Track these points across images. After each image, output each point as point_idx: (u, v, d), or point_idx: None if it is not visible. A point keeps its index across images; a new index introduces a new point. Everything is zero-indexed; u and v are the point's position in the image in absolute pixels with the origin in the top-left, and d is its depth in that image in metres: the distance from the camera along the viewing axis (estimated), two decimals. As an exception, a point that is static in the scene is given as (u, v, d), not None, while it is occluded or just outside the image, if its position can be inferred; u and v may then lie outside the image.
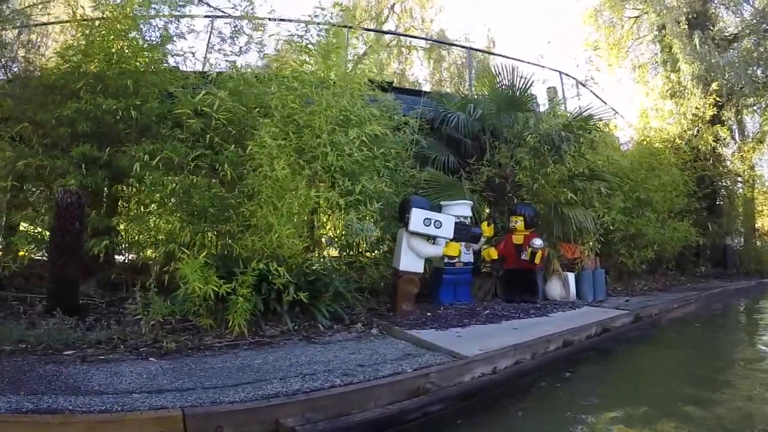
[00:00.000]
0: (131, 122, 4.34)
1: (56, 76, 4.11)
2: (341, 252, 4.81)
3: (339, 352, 3.04)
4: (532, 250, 5.09)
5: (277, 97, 3.53)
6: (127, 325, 3.23)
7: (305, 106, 3.67)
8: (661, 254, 6.91)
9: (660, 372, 3.62)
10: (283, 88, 3.59)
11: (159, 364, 2.63)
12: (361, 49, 13.51)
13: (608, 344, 4.15)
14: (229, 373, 2.47)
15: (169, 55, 4.83)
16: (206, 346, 3.10)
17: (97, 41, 4.27)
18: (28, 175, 3.94)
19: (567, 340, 3.76)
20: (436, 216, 4.28)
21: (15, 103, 4.00)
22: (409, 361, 2.78)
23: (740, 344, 4.68)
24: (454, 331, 3.81)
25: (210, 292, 3.06)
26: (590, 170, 5.69)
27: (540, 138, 5.59)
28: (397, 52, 13.04)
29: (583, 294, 5.77)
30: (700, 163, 8.05)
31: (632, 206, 6.39)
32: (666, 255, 7.06)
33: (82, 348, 2.81)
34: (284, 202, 3.23)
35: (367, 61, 5.08)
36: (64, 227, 3.45)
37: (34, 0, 4.75)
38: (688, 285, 7.39)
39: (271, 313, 3.62)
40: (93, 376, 2.37)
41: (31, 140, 4.02)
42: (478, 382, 2.74)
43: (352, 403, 2.14)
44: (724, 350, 4.41)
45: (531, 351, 3.36)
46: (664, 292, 6.48)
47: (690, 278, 8.12)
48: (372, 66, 5.15)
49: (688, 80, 8.17)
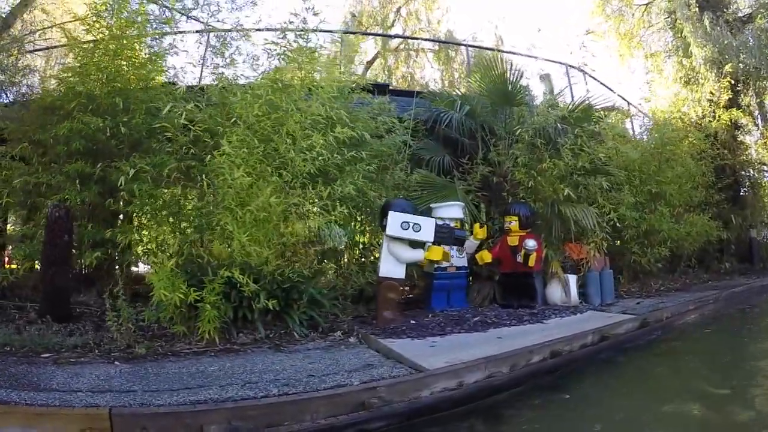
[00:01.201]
0: (122, 138, 4.71)
1: (53, 97, 4.52)
2: (323, 258, 4.92)
3: (299, 361, 3.10)
4: (526, 251, 4.97)
5: (240, 106, 3.70)
6: (107, 332, 3.50)
7: (272, 112, 3.81)
8: (679, 251, 6.51)
9: (659, 390, 3.16)
10: (248, 96, 3.76)
11: (120, 367, 2.83)
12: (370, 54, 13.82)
13: (605, 355, 3.88)
14: (179, 379, 2.61)
15: (159, 71, 5.20)
16: (174, 353, 3.29)
17: (89, 63, 4.67)
18: (29, 192, 4.35)
19: (555, 351, 3.53)
20: (415, 219, 4.28)
21: (16, 125, 4.45)
22: (363, 373, 2.76)
23: (762, 353, 4.20)
24: (431, 340, 3.72)
25: (176, 300, 3.26)
26: (592, 164, 5.47)
27: (535, 132, 5.44)
28: (405, 55, 13.15)
29: (589, 297, 5.53)
30: (718, 151, 7.54)
31: (644, 201, 6.07)
32: (685, 252, 6.63)
33: (60, 351, 3.07)
34: (246, 210, 3.38)
35: (343, 66, 5.15)
36: (53, 240, 3.79)
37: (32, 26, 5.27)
38: (710, 283, 6.91)
39: (246, 321, 3.79)
40: (56, 376, 2.59)
41: (31, 159, 4.45)
42: (436, 398, 2.61)
43: (284, 414, 2.18)
44: (741, 359, 3.95)
45: (509, 363, 3.17)
46: (683, 292, 6.09)
47: (713, 276, 7.61)
48: (347, 70, 5.22)
49: (700, 64, 7.69)
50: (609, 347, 4.00)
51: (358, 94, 5.95)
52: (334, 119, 4.91)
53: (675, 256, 6.78)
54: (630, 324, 4.51)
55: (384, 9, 13.47)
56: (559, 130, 5.27)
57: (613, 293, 5.69)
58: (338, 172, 4.67)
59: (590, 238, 5.62)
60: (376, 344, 3.61)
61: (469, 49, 8.41)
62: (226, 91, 4.41)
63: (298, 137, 3.76)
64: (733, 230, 7.63)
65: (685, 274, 7.07)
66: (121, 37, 4.71)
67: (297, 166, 3.77)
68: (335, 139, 4.48)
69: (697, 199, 6.77)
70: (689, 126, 7.47)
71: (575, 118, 5.47)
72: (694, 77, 7.91)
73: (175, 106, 3.69)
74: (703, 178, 6.87)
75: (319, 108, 3.92)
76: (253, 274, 3.71)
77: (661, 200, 6.12)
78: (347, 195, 4.56)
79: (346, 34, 13.19)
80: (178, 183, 4.39)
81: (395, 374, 2.74)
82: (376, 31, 13.06)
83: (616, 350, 4.00)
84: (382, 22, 13.40)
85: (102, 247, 4.59)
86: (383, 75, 13.18)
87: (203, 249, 3.60)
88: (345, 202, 4.65)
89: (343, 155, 4.54)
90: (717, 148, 7.54)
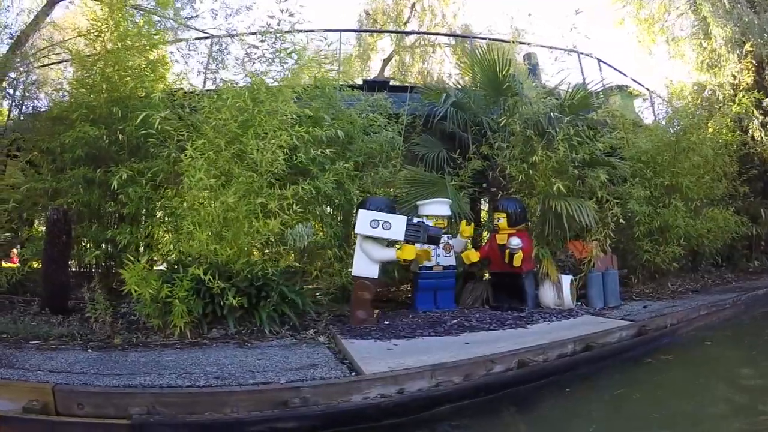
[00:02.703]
0: (122, 144, 5.25)
1: (59, 108, 5.15)
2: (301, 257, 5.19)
3: (252, 357, 3.32)
4: (510, 251, 4.91)
5: (208, 110, 4.03)
6: (94, 323, 3.99)
7: (239, 115, 4.11)
8: (701, 248, 6.05)
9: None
10: (214, 100, 4.08)
11: (90, 354, 3.24)
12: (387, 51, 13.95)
13: (583, 368, 3.55)
14: (132, 366, 2.95)
15: (158, 80, 5.69)
16: (146, 344, 3.67)
17: (91, 75, 5.26)
18: (39, 195, 4.99)
19: (523, 361, 3.36)
20: (384, 217, 4.38)
21: (28, 135, 5.11)
22: (300, 373, 2.87)
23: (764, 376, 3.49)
24: (394, 342, 3.79)
25: (146, 295, 3.65)
26: (591, 155, 5.27)
27: (526, 123, 5.33)
28: (421, 51, 13.20)
29: (591, 300, 5.33)
30: (740, 136, 6.86)
31: (658, 194, 5.73)
32: (706, 249, 6.15)
33: (47, 339, 3.55)
34: (206, 211, 3.71)
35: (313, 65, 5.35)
36: (53, 240, 4.34)
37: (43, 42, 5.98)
38: (734, 284, 6.38)
39: (220, 317, 4.13)
40: (32, 358, 3.04)
41: (41, 165, 5.10)
42: (360, 404, 2.60)
43: (204, 404, 2.42)
44: (747, 386, 3.27)
45: (462, 372, 3.06)
46: (701, 294, 5.70)
47: (740, 275, 7.01)
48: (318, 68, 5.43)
49: (721, 45, 7.05)
50: (591, 359, 3.72)
51: (349, 92, 6.16)
52: (315, 118, 5.18)
53: (697, 253, 6.33)
54: (624, 332, 4.24)
55: (398, 5, 13.60)
56: (552, 119, 5.12)
57: (619, 295, 5.46)
58: (319, 170, 4.91)
59: (593, 235, 5.43)
60: (338, 344, 3.76)
61: (472, 40, 8.32)
62: (198, 96, 4.78)
63: (257, 139, 4.01)
64: (763, 225, 6.96)
65: (708, 274, 6.58)
66: (119, 50, 5.23)
67: (262, 167, 4.03)
68: (312, 138, 4.75)
69: (719, 191, 6.26)
70: (710, 112, 6.90)
71: (570, 106, 5.29)
72: (716, 60, 7.31)
73: (150, 114, 4.08)
74: (724, 169, 6.34)
75: (285, 108, 4.14)
76: (226, 272, 4.08)
77: (676, 193, 5.75)
78: (323, 193, 4.81)
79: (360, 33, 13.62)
80: (167, 186, 4.86)
81: (330, 376, 2.83)
82: (391, 28, 13.25)
83: (597, 362, 3.71)
84: (396, 19, 13.53)
85: (104, 246, 5.18)
86: (400, 72, 13.33)
87: (174, 248, 3.97)
88: (318, 201, 4.90)
89: (323, 154, 4.78)
90: (741, 134, 6.91)
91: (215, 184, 3.83)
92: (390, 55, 13.85)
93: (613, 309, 5.18)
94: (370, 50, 13.90)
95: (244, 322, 4.20)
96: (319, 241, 5.02)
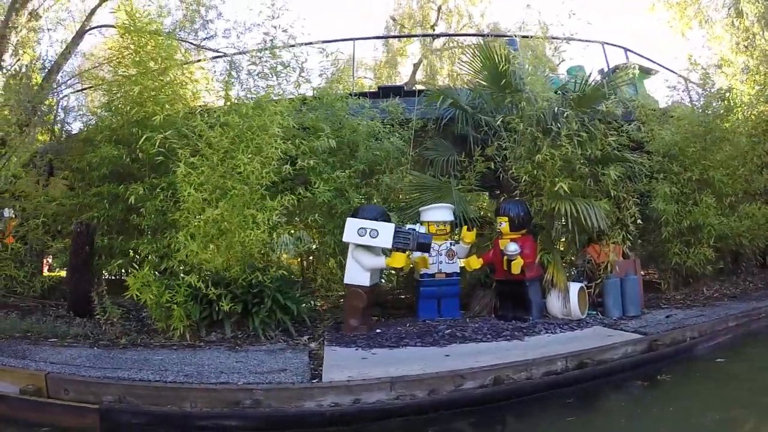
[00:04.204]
0: (143, 162, 5.93)
1: (87, 131, 5.94)
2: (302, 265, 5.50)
3: (233, 359, 3.67)
4: (507, 257, 4.87)
5: (201, 128, 4.49)
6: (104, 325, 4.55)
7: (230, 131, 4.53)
8: (740, 249, 5.54)
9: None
10: (206, 118, 4.54)
11: (93, 351, 3.76)
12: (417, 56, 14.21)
13: (566, 390, 3.33)
14: (123, 362, 3.41)
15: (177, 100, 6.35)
16: (147, 345, 4.15)
17: (115, 99, 6.01)
18: (70, 211, 5.77)
19: (499, 378, 3.30)
20: (372, 225, 4.56)
21: (61, 156, 5.95)
22: (265, 376, 3.14)
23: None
24: (374, 351, 3.94)
25: (147, 300, 4.13)
26: (602, 151, 5.10)
27: (530, 119, 5.28)
28: (449, 54, 13.33)
29: (607, 308, 5.13)
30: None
31: (688, 191, 5.39)
32: (746, 249, 5.61)
33: (64, 338, 4.14)
34: (197, 223, 4.14)
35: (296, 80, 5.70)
36: (76, 251, 5.02)
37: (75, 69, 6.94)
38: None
39: (217, 321, 4.54)
40: (44, 353, 3.60)
41: (73, 183, 5.89)
42: (311, 411, 2.79)
43: (167, 398, 2.80)
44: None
45: (427, 387, 3.09)
46: (738, 301, 5.27)
47: None
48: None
49: (753, 23, 6.40)
50: (581, 378, 3.53)
51: (355, 101, 6.45)
52: (314, 128, 5.53)
53: (738, 254, 5.82)
54: (631, 347, 4.00)
55: (423, 9, 13.87)
56: (555, 114, 5.04)
57: (640, 304, 5.20)
58: (319, 179, 5.24)
59: (611, 238, 5.24)
60: (323, 351, 3.99)
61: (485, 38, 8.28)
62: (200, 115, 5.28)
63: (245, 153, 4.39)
64: (817, 223, 6.20)
65: (751, 277, 6.01)
66: (139, 75, 5.94)
67: (252, 180, 4.42)
68: (309, 148, 5.10)
69: (758, 185, 5.71)
70: (745, 97, 6.30)
71: (580, 100, 5.16)
72: (749, 40, 6.68)
73: (151, 136, 4.62)
74: (764, 159, 5.77)
75: (273, 122, 4.51)
76: (225, 280, 4.49)
77: (707, 189, 5.38)
78: (321, 202, 5.12)
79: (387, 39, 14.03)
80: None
81: (290, 381, 3.07)
82: (419, 32, 13.54)
83: (585, 384, 3.48)
84: (422, 22, 13.79)
85: (128, 255, 5.85)
86: (430, 75, 13.54)
87: (173, 257, 4.45)
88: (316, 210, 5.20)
89: (325, 162, 5.09)
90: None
91: (209, 197, 4.26)
92: (420, 59, 14.13)
93: (632, 319, 4.97)
94: (399, 55, 14.25)
95: (243, 327, 4.58)
96: (314, 249, 5.31)
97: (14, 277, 5.10)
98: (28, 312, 4.90)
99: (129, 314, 4.88)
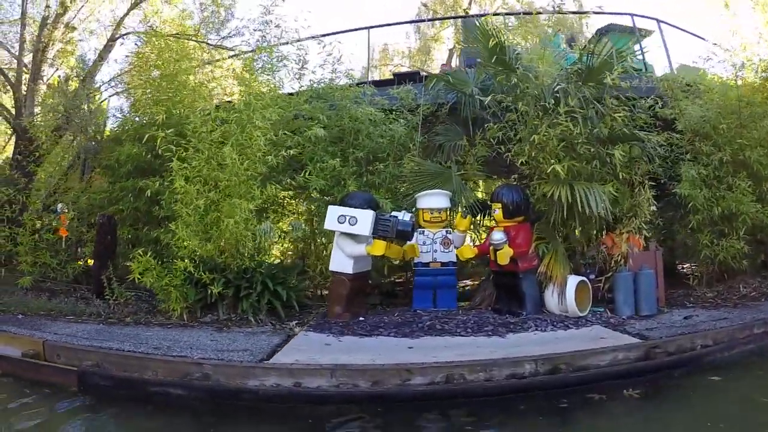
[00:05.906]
0: (163, 158, 6.70)
1: (115, 132, 6.84)
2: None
3: (209, 338, 4.15)
4: (494, 247, 4.84)
5: (195, 124, 5.03)
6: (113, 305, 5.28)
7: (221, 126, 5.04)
8: None
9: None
10: (197, 115, 5.08)
11: (98, 327, 4.44)
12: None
13: (518, 401, 3.17)
14: (115, 336, 4.01)
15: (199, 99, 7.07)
16: (147, 323, 4.80)
17: (139, 100, 6.86)
18: (100, 204, 6.70)
19: (451, 376, 3.31)
20: (351, 212, 4.80)
21: (94, 154, 6.91)
22: (224, 354, 3.56)
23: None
24: (341, 339, 4.19)
25: (147, 283, 4.77)
26: (610, 130, 4.85)
27: (529, 98, 5.16)
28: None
29: (617, 306, 4.87)
30: None
31: (721, 175, 4.95)
32: None
33: (80, 316, 4.94)
34: (188, 212, 4.69)
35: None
36: (100, 240, 5.86)
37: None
38: None
39: (211, 304, 5.09)
40: (56, 326, 4.33)
41: (103, 179, 6.83)
42: (249, 388, 3.12)
43: (134, 366, 3.35)
44: None
45: (370, 378, 3.22)
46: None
47: None
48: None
49: None
50: (548, 384, 3.32)
51: (357, 89, 6.71)
52: (311, 118, 5.90)
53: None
54: (622, 353, 3.66)
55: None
56: (555, 91, 4.90)
57: (656, 301, 4.89)
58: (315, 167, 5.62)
59: (625, 226, 5.01)
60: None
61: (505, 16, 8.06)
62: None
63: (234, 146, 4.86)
64: None
65: None
66: (161, 77, 6.71)
67: (240, 171, 4.89)
68: (304, 138, 5.51)
69: None
70: None
71: (588, 75, 4.96)
72: None
73: (154, 135, 5.28)
74: None
75: (259, 116, 4.94)
76: (220, 266, 5.04)
77: (743, 171, 4.89)
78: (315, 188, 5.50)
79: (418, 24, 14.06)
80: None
81: (239, 359, 3.46)
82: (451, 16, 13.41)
83: (552, 391, 3.26)
84: (454, 6, 13.63)
85: (152, 244, 6.67)
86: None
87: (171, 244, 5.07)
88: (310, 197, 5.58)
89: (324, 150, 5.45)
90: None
91: (201, 188, 4.80)
92: (454, 45, 14.01)
93: (643, 319, 4.68)
94: (434, 41, 14.25)
95: (237, 311, 5.09)
96: (311, 237, 5.69)
97: (48, 264, 6.05)
98: (59, 294, 5.81)
99: (142, 297, 5.63)
